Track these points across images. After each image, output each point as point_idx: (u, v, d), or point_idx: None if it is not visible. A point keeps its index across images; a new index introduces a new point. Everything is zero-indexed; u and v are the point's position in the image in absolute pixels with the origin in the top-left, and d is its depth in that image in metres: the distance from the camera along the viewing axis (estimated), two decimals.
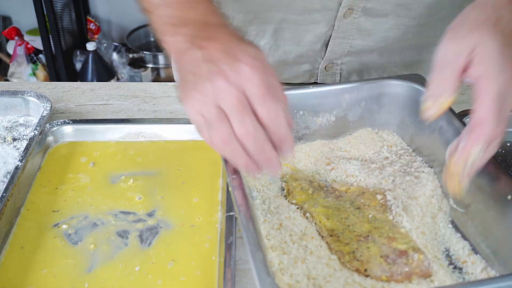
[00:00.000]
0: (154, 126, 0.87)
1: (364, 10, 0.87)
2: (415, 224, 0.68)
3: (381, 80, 0.82)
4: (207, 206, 0.76)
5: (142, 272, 0.67)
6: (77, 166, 0.82)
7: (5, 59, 2.61)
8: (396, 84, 0.81)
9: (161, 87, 1.03)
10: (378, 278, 0.62)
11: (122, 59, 2.52)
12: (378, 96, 0.81)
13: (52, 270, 0.67)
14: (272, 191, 0.74)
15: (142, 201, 0.76)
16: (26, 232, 0.72)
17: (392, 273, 0.62)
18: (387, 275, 0.62)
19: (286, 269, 0.62)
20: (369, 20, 0.89)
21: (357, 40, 0.92)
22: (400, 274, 0.62)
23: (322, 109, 0.81)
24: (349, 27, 0.89)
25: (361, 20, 0.89)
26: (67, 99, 0.99)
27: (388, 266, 0.62)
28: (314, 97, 0.80)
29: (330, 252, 0.66)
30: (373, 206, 0.70)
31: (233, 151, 0.57)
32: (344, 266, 0.64)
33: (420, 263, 0.62)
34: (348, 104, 0.81)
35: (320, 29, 0.91)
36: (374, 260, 0.63)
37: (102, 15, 2.68)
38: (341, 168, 0.77)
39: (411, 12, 0.88)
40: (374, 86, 0.81)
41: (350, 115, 0.82)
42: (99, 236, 0.71)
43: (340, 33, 0.90)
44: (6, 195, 0.71)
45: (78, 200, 0.77)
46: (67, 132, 0.87)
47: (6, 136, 0.87)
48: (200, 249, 0.69)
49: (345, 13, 0.87)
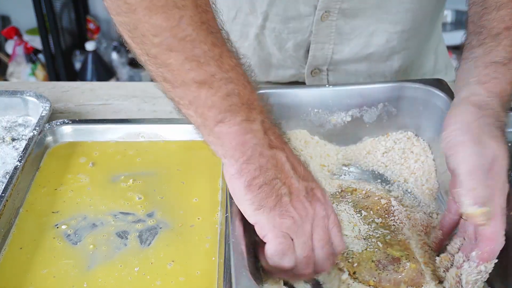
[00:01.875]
0: (154, 126, 0.87)
1: (341, 12, 0.87)
2: (415, 233, 0.68)
3: (400, 82, 0.81)
4: (207, 206, 0.75)
5: (141, 273, 0.67)
6: (77, 166, 0.82)
7: (4, 59, 2.61)
8: (416, 88, 0.80)
9: None
10: (366, 282, 0.62)
11: (121, 59, 2.52)
12: (397, 99, 0.81)
13: (51, 271, 0.67)
14: None
15: (141, 202, 0.76)
16: (25, 233, 0.72)
17: (381, 279, 0.62)
18: (375, 280, 0.62)
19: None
20: (347, 22, 0.88)
21: (338, 45, 0.91)
22: (388, 281, 0.62)
23: (337, 109, 0.80)
24: (328, 30, 0.89)
25: (339, 23, 0.88)
26: (66, 99, 0.99)
27: (378, 271, 0.62)
28: (330, 96, 0.79)
29: None
30: (376, 210, 0.70)
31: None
32: (336, 265, 0.64)
33: (411, 272, 0.62)
34: (365, 105, 0.81)
35: (301, 37, 0.90)
36: (365, 263, 0.63)
37: (102, 15, 2.67)
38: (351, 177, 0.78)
39: (392, 16, 0.88)
40: (393, 88, 0.81)
41: (367, 116, 0.81)
42: (98, 237, 0.71)
43: (320, 37, 0.90)
44: (5, 195, 0.71)
45: (78, 200, 0.76)
46: (66, 132, 0.87)
47: (5, 136, 0.87)
48: (199, 250, 0.69)
49: (322, 16, 0.87)
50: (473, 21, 0.68)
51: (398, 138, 0.82)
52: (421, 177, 0.77)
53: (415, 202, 0.74)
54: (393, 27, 0.89)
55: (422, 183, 0.76)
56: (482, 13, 0.68)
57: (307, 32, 0.90)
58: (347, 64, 0.94)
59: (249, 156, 0.55)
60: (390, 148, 0.81)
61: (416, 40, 0.94)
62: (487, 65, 0.62)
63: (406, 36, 0.91)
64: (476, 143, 0.57)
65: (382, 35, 0.90)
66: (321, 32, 0.89)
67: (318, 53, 0.92)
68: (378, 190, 0.74)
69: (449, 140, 0.59)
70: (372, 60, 0.94)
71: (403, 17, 0.88)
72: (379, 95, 0.81)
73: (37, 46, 2.51)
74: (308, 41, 0.91)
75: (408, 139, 0.82)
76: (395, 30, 0.89)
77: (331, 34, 0.89)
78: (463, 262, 0.61)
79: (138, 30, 0.56)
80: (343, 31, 0.89)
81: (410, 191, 0.76)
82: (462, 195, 0.55)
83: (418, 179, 0.77)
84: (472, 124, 0.58)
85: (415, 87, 0.80)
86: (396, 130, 0.83)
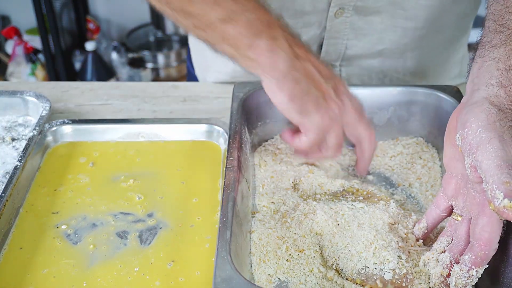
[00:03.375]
0: (154, 126, 0.87)
1: (356, 9, 0.87)
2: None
3: (412, 87, 0.81)
4: (207, 206, 0.75)
5: (140, 273, 0.67)
6: (77, 166, 0.82)
7: (4, 59, 2.61)
8: (428, 93, 0.79)
9: (160, 87, 1.03)
10: (353, 281, 0.62)
11: (121, 58, 2.52)
12: (408, 104, 0.80)
13: (51, 271, 0.67)
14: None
15: (141, 202, 0.76)
16: (25, 233, 0.72)
17: (367, 278, 0.62)
18: (362, 279, 0.62)
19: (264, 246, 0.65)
20: (362, 18, 0.88)
21: (352, 40, 0.91)
22: (374, 281, 0.61)
23: None
24: (342, 27, 0.89)
25: (353, 19, 0.88)
26: (66, 99, 0.99)
27: (364, 270, 0.62)
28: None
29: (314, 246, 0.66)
30: None
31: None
32: (325, 263, 0.64)
33: (397, 275, 0.62)
34: (375, 107, 0.81)
35: (314, 31, 0.90)
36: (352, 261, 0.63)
37: (102, 14, 2.68)
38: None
39: (406, 12, 0.87)
40: (404, 92, 0.80)
41: (376, 118, 0.81)
42: (98, 237, 0.71)
43: (333, 33, 0.90)
44: (5, 195, 0.71)
45: (78, 200, 0.76)
46: (66, 132, 0.87)
47: (5, 136, 0.87)
48: (199, 250, 0.69)
49: (336, 12, 0.86)
50: (493, 19, 0.67)
51: (407, 143, 0.82)
52: (426, 183, 0.77)
53: (417, 207, 0.74)
54: (407, 23, 0.89)
55: (426, 189, 0.76)
56: (505, 12, 0.66)
57: (320, 27, 0.89)
58: (360, 59, 0.94)
59: (283, 71, 0.67)
60: (399, 152, 0.81)
61: (433, 41, 0.93)
62: (509, 68, 0.62)
63: (419, 33, 0.90)
64: (502, 140, 0.57)
65: (396, 31, 0.90)
66: (334, 28, 0.89)
67: (331, 48, 0.92)
68: (380, 192, 0.74)
69: (474, 137, 0.58)
70: (385, 56, 0.94)
71: (417, 14, 0.88)
72: (390, 98, 0.80)
73: (37, 46, 2.51)
74: (321, 37, 0.91)
75: (417, 145, 0.82)
76: (408, 26, 0.89)
77: (345, 30, 0.89)
78: (450, 263, 0.60)
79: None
80: (357, 26, 0.89)
81: (413, 196, 0.76)
82: (493, 189, 0.54)
83: (423, 185, 0.77)
84: (495, 124, 0.58)
85: (427, 93, 0.80)
86: (406, 135, 0.83)
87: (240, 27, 0.66)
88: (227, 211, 0.61)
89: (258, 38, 0.66)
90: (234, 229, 0.60)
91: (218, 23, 0.66)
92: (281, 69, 0.67)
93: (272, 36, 0.67)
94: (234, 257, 0.56)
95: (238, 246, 0.60)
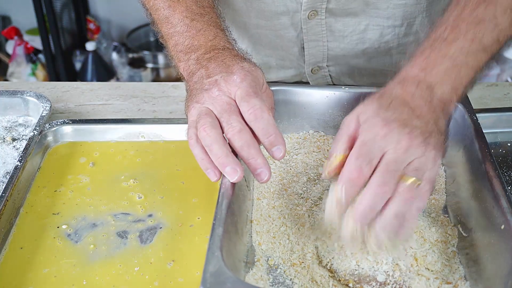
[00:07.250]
0: (154, 126, 0.87)
1: (329, 11, 0.86)
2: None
3: None
4: (207, 206, 0.76)
5: (140, 272, 0.67)
6: (77, 166, 0.82)
7: (4, 59, 2.61)
8: None
9: (160, 87, 1.03)
10: (346, 282, 0.62)
11: (121, 59, 2.52)
12: None
13: (52, 270, 0.67)
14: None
15: (141, 202, 0.76)
16: (25, 233, 0.72)
17: (360, 279, 0.62)
18: (355, 280, 0.62)
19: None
20: (338, 20, 0.88)
21: (333, 42, 0.91)
22: (368, 283, 0.61)
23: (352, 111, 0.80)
24: (319, 28, 0.89)
25: (330, 21, 0.88)
26: (66, 99, 0.99)
27: (357, 271, 0.62)
28: (345, 98, 0.79)
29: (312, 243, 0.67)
30: None
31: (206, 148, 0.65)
32: (320, 262, 0.64)
33: (391, 277, 0.62)
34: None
35: (291, 33, 0.90)
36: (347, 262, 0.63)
37: (102, 15, 2.68)
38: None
39: (382, 12, 0.87)
40: None
41: None
42: (98, 236, 0.71)
43: (311, 35, 0.90)
44: (6, 195, 0.71)
45: (78, 200, 0.77)
46: (66, 132, 0.87)
47: (6, 136, 0.87)
48: (199, 249, 0.69)
49: (309, 15, 0.87)
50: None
51: None
52: None
53: None
54: (385, 22, 0.89)
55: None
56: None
57: (297, 29, 0.90)
58: (346, 58, 0.94)
59: (193, 89, 0.69)
60: None
61: (416, 37, 0.93)
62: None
63: (398, 31, 0.91)
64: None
65: (376, 30, 0.90)
66: (311, 30, 0.89)
67: (313, 51, 0.92)
68: None
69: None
70: (370, 55, 0.94)
71: (394, 13, 0.88)
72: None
73: (37, 46, 2.51)
74: (300, 38, 0.91)
75: None
76: (387, 25, 0.89)
77: (322, 32, 0.89)
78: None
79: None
80: (334, 28, 0.89)
81: None
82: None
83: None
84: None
85: None
86: None
87: (170, 46, 0.75)
88: (221, 209, 0.61)
89: (178, 59, 0.73)
90: (227, 227, 0.59)
91: (165, 36, 0.76)
92: (193, 87, 0.70)
93: (187, 58, 0.72)
94: (226, 254, 0.56)
95: (231, 243, 0.60)
